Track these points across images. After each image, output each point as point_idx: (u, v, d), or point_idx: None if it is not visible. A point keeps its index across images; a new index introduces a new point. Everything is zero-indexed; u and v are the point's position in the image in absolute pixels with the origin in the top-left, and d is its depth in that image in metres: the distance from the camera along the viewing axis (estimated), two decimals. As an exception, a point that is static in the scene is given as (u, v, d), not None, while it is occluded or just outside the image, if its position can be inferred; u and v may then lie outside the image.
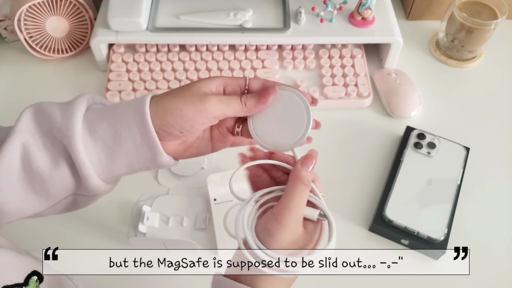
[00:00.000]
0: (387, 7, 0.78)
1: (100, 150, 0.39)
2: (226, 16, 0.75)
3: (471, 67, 0.82)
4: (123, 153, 0.39)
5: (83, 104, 0.40)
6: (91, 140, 0.38)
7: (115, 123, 0.39)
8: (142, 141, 0.39)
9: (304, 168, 0.39)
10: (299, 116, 0.41)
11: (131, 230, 0.61)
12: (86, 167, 0.38)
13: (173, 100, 0.39)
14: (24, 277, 0.36)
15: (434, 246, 0.59)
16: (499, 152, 0.71)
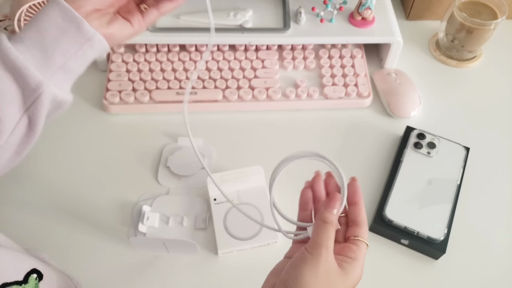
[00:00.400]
0: (387, 7, 0.78)
1: (31, 47, 0.42)
2: (226, 16, 0.75)
3: (471, 67, 0.82)
4: (52, 40, 0.42)
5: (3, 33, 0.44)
6: (20, 44, 0.42)
7: (34, 21, 0.44)
8: (63, 20, 0.43)
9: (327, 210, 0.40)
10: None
11: (131, 230, 0.61)
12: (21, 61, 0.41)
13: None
14: (24, 275, 0.36)
15: (434, 246, 0.59)
16: (499, 152, 0.71)
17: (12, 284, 0.35)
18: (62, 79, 0.44)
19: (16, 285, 0.35)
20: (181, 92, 0.73)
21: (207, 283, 0.58)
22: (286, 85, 0.75)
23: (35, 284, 0.37)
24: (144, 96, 0.72)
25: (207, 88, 0.73)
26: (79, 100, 0.76)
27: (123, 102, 0.72)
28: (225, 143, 0.70)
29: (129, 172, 0.67)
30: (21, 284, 0.35)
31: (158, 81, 0.74)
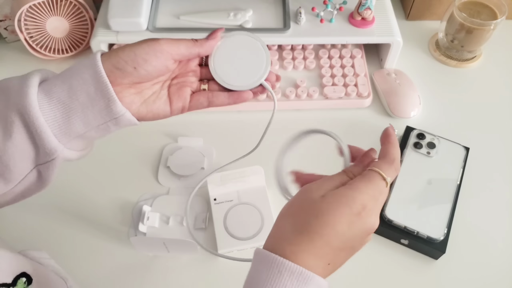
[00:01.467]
0: (387, 7, 0.78)
1: (55, 108, 0.38)
2: (226, 16, 0.75)
3: (471, 67, 0.82)
4: (78, 108, 0.39)
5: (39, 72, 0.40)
6: (46, 99, 0.38)
7: (69, 78, 0.39)
8: (96, 91, 0.39)
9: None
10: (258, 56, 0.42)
11: (131, 230, 0.62)
12: (40, 123, 0.37)
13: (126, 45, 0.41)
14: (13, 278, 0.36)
15: (433, 246, 0.59)
16: (498, 152, 0.71)
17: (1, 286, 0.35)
18: (78, 144, 0.42)
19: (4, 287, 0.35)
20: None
21: (207, 283, 0.58)
22: (286, 85, 0.75)
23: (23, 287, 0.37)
24: (144, 96, 0.72)
25: (207, 88, 0.73)
26: (79, 100, 0.76)
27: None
28: (225, 143, 0.70)
29: (129, 172, 0.67)
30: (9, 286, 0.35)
31: (158, 81, 0.74)
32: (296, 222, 0.34)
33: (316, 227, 0.33)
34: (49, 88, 0.39)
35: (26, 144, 0.38)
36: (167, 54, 0.41)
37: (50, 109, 0.38)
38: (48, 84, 0.39)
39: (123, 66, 0.39)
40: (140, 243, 0.57)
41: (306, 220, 0.33)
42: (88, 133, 0.40)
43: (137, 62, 0.40)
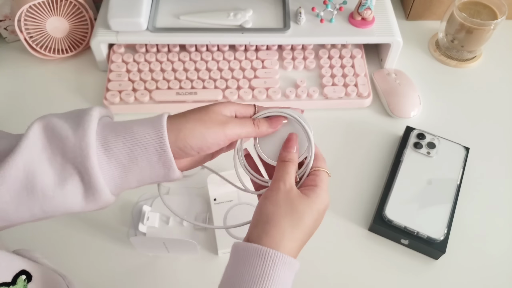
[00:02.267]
0: (387, 7, 0.78)
1: (114, 168, 0.39)
2: (226, 16, 0.75)
3: (471, 67, 0.82)
4: (137, 171, 0.40)
5: (94, 121, 0.40)
6: (106, 158, 0.39)
7: (131, 144, 0.39)
8: (158, 161, 0.40)
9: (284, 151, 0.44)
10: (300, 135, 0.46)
11: (131, 230, 0.61)
12: (101, 185, 0.38)
13: (195, 125, 0.41)
14: (12, 276, 0.36)
15: (434, 246, 0.59)
16: (499, 152, 0.71)
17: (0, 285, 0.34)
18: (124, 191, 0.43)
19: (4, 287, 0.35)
20: (181, 92, 0.73)
21: (207, 283, 0.58)
22: (286, 85, 0.75)
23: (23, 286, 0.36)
24: (144, 96, 0.72)
25: (207, 88, 0.73)
26: (79, 100, 0.76)
27: (123, 102, 0.73)
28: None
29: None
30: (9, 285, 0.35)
31: (158, 81, 0.74)
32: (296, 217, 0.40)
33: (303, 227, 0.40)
34: (109, 147, 0.39)
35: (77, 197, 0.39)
36: (229, 141, 0.43)
37: (109, 168, 0.39)
38: (107, 142, 0.39)
39: (188, 151, 0.41)
40: (140, 243, 0.57)
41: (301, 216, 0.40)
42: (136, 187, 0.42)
43: (202, 149, 0.42)
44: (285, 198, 0.40)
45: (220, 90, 0.73)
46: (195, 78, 0.74)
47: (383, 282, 0.59)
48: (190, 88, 0.73)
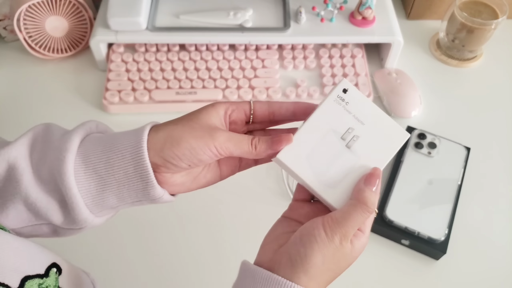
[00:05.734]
0: (387, 6, 0.78)
1: (90, 178, 0.36)
2: (226, 15, 0.75)
3: (472, 67, 0.82)
4: (114, 184, 0.37)
5: (83, 129, 0.38)
6: (83, 167, 0.36)
7: (108, 151, 0.36)
8: (134, 172, 0.36)
9: (367, 187, 0.36)
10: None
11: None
12: (74, 194, 0.36)
13: (182, 133, 0.36)
14: (45, 268, 0.35)
15: (434, 247, 0.59)
16: (499, 152, 0.71)
17: (34, 277, 0.34)
18: (108, 213, 0.40)
19: (38, 278, 0.34)
20: (180, 92, 0.72)
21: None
22: (286, 84, 0.75)
23: (55, 278, 0.36)
24: (143, 96, 0.72)
25: (207, 88, 0.73)
26: (79, 100, 0.76)
27: (123, 101, 0.72)
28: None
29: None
30: (42, 277, 0.35)
31: (157, 81, 0.73)
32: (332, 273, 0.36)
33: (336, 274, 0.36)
34: (88, 155, 0.36)
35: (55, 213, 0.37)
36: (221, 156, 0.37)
37: (86, 179, 0.36)
38: (87, 150, 0.37)
39: (177, 163, 0.36)
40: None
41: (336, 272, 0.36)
42: (120, 207, 0.39)
43: (193, 162, 0.37)
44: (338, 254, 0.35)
45: (220, 89, 0.73)
46: (194, 77, 0.74)
47: (383, 283, 0.59)
48: (189, 88, 0.73)
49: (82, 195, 0.36)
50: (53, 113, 0.74)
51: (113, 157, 0.36)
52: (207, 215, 0.64)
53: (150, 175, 0.36)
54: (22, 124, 0.45)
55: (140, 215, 0.63)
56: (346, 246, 0.35)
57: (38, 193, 0.36)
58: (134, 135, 0.37)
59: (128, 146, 0.36)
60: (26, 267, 0.33)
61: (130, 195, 0.37)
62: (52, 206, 0.36)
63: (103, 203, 0.37)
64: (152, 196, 0.37)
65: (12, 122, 0.73)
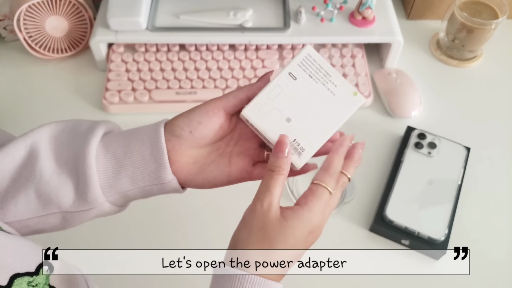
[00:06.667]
0: (387, 6, 0.78)
1: (108, 161, 0.39)
2: (226, 15, 0.75)
3: (472, 67, 0.81)
4: (129, 166, 0.40)
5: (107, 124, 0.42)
6: (104, 151, 0.40)
7: (129, 138, 0.40)
8: (151, 155, 0.39)
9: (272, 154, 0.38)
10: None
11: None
12: (92, 173, 0.38)
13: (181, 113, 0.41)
14: (36, 266, 0.35)
15: (434, 247, 0.59)
16: (500, 152, 0.71)
17: (24, 275, 0.34)
18: (118, 199, 0.41)
19: (28, 276, 0.34)
20: (180, 92, 0.72)
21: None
22: (286, 84, 0.75)
23: (46, 276, 0.36)
24: (143, 96, 0.72)
25: (207, 88, 0.73)
26: (79, 100, 0.76)
27: (123, 101, 0.72)
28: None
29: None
30: (33, 275, 0.35)
31: (157, 81, 0.73)
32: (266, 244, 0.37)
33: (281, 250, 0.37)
34: (109, 141, 0.40)
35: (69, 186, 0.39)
36: (217, 110, 0.40)
37: (104, 161, 0.39)
38: (109, 138, 0.41)
39: (179, 133, 0.40)
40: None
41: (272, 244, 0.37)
42: (131, 192, 0.41)
43: (192, 126, 0.40)
44: (259, 224, 0.36)
45: (220, 89, 0.73)
46: (194, 77, 0.74)
47: (383, 283, 0.59)
48: (189, 88, 0.73)
49: (99, 175, 0.39)
50: (53, 113, 0.74)
51: (132, 143, 0.40)
52: (207, 215, 0.64)
53: (163, 156, 0.39)
54: (22, 124, 0.46)
55: (137, 213, 0.63)
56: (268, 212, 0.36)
57: (53, 172, 0.38)
58: (153, 125, 0.41)
59: (148, 133, 0.40)
60: (16, 264, 0.33)
61: (143, 178, 0.40)
62: (65, 186, 0.39)
63: (116, 185, 0.40)
64: (163, 179, 0.40)
65: (12, 122, 0.73)
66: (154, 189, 0.41)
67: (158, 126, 0.40)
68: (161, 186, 0.41)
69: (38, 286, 0.34)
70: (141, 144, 0.40)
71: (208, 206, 0.64)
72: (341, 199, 0.65)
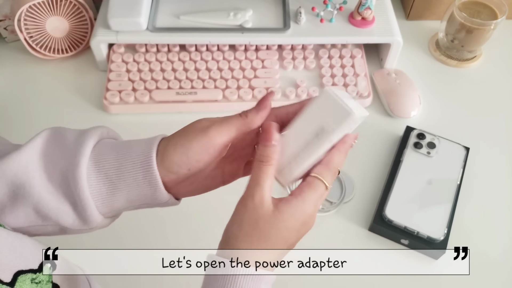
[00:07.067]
0: (387, 7, 0.78)
1: (101, 182, 0.38)
2: (226, 16, 0.75)
3: (471, 67, 0.82)
4: (124, 189, 0.38)
5: (96, 135, 0.39)
6: (95, 171, 0.38)
7: (121, 158, 0.38)
8: (143, 179, 0.38)
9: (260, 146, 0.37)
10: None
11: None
12: (86, 197, 0.37)
13: (177, 139, 0.38)
14: (39, 264, 0.35)
15: (434, 246, 0.59)
16: (499, 152, 0.71)
17: (27, 272, 0.34)
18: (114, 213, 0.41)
19: (31, 273, 0.34)
20: (181, 92, 0.73)
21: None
22: (286, 85, 0.75)
23: (49, 274, 0.36)
24: (144, 96, 0.72)
25: (207, 88, 0.73)
26: (79, 100, 0.76)
27: (123, 102, 0.72)
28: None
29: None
30: (36, 272, 0.35)
31: (158, 81, 0.74)
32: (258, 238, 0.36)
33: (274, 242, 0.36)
34: (100, 159, 0.38)
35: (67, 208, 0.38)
36: (218, 146, 0.38)
37: (97, 183, 0.38)
38: (99, 155, 0.38)
39: (176, 170, 0.38)
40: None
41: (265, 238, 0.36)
42: (128, 209, 0.41)
43: (191, 164, 0.38)
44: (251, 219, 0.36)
45: (220, 90, 0.73)
46: (195, 78, 0.74)
47: (383, 282, 0.59)
48: (190, 88, 0.73)
49: (93, 197, 0.37)
50: (53, 114, 0.74)
51: (124, 164, 0.38)
52: (207, 215, 0.64)
53: (158, 182, 0.38)
54: (23, 124, 0.46)
55: (137, 213, 0.63)
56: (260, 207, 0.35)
57: (50, 197, 0.37)
58: (146, 144, 0.38)
59: (140, 154, 0.38)
60: (19, 261, 0.33)
61: (139, 199, 0.39)
62: (63, 209, 0.38)
63: (112, 205, 0.39)
64: (159, 201, 0.39)
65: (12, 122, 0.73)
66: (150, 205, 0.40)
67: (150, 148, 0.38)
68: (159, 205, 0.40)
69: (42, 283, 0.35)
70: (133, 166, 0.38)
71: (208, 206, 0.64)
72: (341, 199, 0.65)
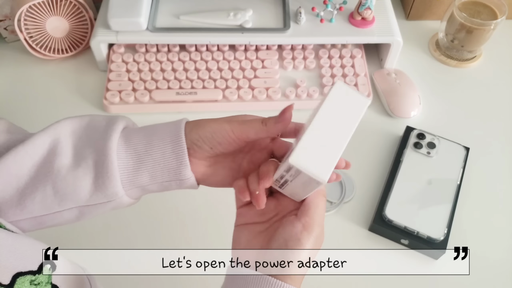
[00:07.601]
0: (387, 7, 0.78)
1: (129, 156, 0.41)
2: (226, 16, 0.75)
3: (471, 67, 0.82)
4: (150, 162, 0.41)
5: (124, 119, 0.44)
6: (125, 146, 0.41)
7: (151, 135, 0.42)
8: (171, 152, 0.41)
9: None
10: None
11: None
12: (113, 168, 0.40)
13: (210, 121, 0.42)
14: (38, 265, 0.35)
15: (434, 246, 0.59)
16: (499, 152, 0.71)
17: (26, 273, 0.34)
18: (136, 193, 0.43)
19: (30, 275, 0.34)
20: (181, 92, 0.73)
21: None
22: (286, 85, 0.75)
23: (48, 275, 0.36)
24: (144, 96, 0.72)
25: (207, 88, 0.73)
26: (79, 100, 0.76)
27: (123, 102, 0.72)
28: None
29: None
30: (35, 274, 0.35)
31: (158, 81, 0.74)
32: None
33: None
34: (130, 136, 0.42)
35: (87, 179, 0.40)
36: (238, 140, 0.42)
37: (125, 156, 0.41)
38: (129, 133, 0.42)
39: (200, 144, 0.41)
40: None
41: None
42: (150, 186, 0.42)
43: (213, 144, 0.41)
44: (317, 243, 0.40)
45: (220, 90, 0.73)
46: (195, 78, 0.74)
47: (383, 282, 0.59)
48: (190, 88, 0.73)
49: (120, 169, 0.40)
50: (53, 113, 0.74)
51: (153, 140, 0.41)
52: (207, 215, 0.64)
53: (185, 155, 0.41)
54: (23, 124, 0.46)
55: (138, 213, 0.63)
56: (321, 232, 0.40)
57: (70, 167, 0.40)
58: (173, 124, 0.43)
59: (168, 131, 0.42)
60: (18, 263, 0.33)
61: (163, 174, 0.42)
62: (82, 180, 0.40)
63: (135, 179, 0.41)
64: (182, 176, 0.42)
65: (13, 122, 0.73)
66: (172, 184, 0.43)
67: (179, 125, 0.42)
68: (180, 182, 0.42)
69: (41, 285, 0.35)
70: (162, 142, 0.41)
71: (208, 206, 0.65)
72: (341, 199, 0.65)
